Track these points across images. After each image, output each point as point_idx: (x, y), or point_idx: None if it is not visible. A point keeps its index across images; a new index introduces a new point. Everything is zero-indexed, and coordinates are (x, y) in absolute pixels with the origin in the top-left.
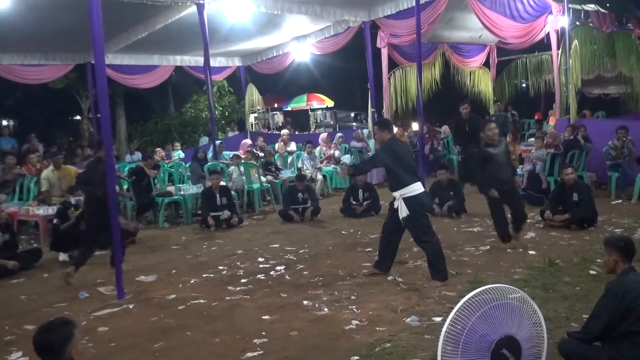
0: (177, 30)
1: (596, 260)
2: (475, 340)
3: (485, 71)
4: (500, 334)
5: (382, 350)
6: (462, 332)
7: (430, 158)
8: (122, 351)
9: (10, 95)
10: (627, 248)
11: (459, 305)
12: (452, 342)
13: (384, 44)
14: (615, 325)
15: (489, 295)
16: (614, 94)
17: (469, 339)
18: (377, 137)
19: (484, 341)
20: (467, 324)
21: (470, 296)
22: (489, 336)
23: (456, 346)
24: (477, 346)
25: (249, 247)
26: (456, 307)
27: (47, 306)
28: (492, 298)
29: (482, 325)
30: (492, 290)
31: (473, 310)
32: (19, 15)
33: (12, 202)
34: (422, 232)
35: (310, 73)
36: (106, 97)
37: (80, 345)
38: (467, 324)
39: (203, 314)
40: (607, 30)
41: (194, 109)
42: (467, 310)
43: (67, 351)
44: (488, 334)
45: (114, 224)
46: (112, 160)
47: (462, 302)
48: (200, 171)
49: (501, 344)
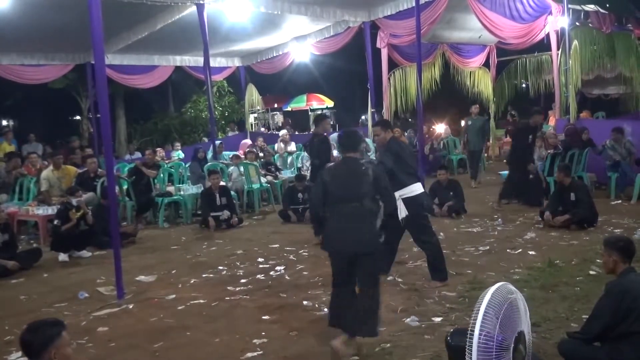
0: (177, 30)
1: (596, 261)
2: (497, 345)
3: (485, 71)
4: (515, 333)
5: (381, 351)
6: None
7: (430, 158)
8: (121, 351)
9: (10, 95)
10: (627, 248)
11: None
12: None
13: (384, 44)
14: (615, 325)
15: (498, 297)
16: (614, 95)
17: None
18: (380, 137)
19: (505, 344)
20: (494, 332)
21: (485, 305)
22: (508, 337)
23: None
24: (500, 349)
25: (248, 247)
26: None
27: (47, 306)
28: (502, 300)
29: (503, 328)
30: (497, 292)
31: (493, 316)
32: (19, 15)
33: (11, 202)
34: (422, 232)
35: (310, 73)
36: (106, 97)
37: (67, 348)
38: (494, 333)
39: (203, 314)
40: (606, 31)
41: (194, 109)
42: (488, 318)
43: (49, 352)
44: (508, 335)
45: (113, 224)
46: (111, 160)
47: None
48: (200, 171)
49: (517, 341)
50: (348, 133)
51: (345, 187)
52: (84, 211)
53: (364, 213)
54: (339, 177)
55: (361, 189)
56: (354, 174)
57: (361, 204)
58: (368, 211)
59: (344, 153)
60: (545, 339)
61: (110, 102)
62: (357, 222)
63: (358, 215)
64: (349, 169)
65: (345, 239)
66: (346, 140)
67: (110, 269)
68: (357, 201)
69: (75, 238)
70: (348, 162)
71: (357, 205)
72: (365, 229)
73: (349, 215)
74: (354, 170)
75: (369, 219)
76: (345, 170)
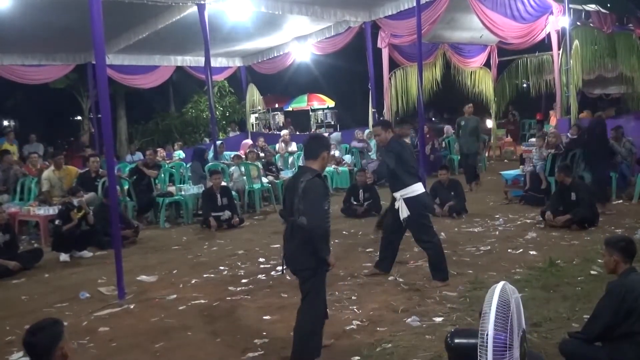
0: (178, 30)
1: (597, 261)
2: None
3: (486, 71)
4: (521, 331)
5: (382, 351)
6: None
7: (431, 158)
8: (122, 351)
9: (11, 95)
10: (628, 248)
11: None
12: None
13: (385, 44)
14: (616, 325)
15: (505, 296)
16: (615, 94)
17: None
18: (381, 137)
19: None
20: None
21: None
22: (517, 337)
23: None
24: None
25: (249, 247)
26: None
27: (48, 306)
28: (506, 299)
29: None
30: (504, 292)
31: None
32: (20, 15)
33: (12, 202)
34: (423, 232)
35: (311, 73)
36: (107, 97)
37: (69, 346)
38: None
39: (204, 314)
40: (607, 31)
41: (195, 109)
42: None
43: (54, 352)
44: (516, 333)
45: (114, 224)
46: (112, 160)
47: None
48: (201, 171)
49: (522, 339)
50: (309, 138)
51: (290, 200)
52: (85, 211)
53: (296, 229)
54: (289, 188)
55: (293, 204)
56: (293, 186)
57: (295, 220)
58: (299, 227)
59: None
60: (547, 339)
61: (111, 102)
62: (290, 238)
63: (291, 230)
64: (294, 181)
65: (286, 255)
66: (304, 146)
67: (111, 269)
68: (292, 216)
69: (76, 238)
70: (296, 174)
71: (292, 221)
72: (293, 247)
73: (287, 229)
74: (294, 183)
75: (299, 235)
76: (292, 181)
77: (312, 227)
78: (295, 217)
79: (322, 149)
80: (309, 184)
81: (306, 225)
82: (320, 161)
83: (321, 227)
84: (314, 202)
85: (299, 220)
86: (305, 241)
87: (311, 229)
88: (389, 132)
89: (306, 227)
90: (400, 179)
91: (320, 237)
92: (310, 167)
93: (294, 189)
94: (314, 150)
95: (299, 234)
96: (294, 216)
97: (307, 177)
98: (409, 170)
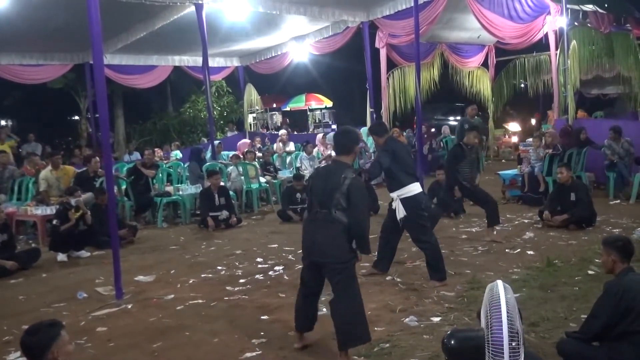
0: (176, 30)
1: (595, 260)
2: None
3: (483, 71)
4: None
5: (380, 350)
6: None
7: (429, 158)
8: (120, 351)
9: (8, 95)
10: (626, 248)
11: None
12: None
13: (383, 44)
14: (613, 325)
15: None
16: (613, 94)
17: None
18: (375, 142)
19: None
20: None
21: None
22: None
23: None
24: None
25: (247, 247)
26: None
27: (46, 306)
28: (511, 297)
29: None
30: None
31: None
32: (18, 15)
33: (10, 202)
34: (421, 232)
35: (309, 73)
36: (105, 97)
37: (67, 347)
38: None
39: (202, 314)
40: (605, 31)
41: (193, 109)
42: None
43: (50, 353)
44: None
45: (112, 224)
46: (110, 160)
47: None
48: (199, 171)
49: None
50: (340, 133)
51: (322, 192)
52: (82, 211)
53: (331, 222)
54: (320, 180)
55: (332, 198)
56: (327, 179)
57: (330, 213)
58: (336, 221)
59: (336, 155)
60: (544, 338)
61: (108, 102)
62: (316, 229)
63: (322, 222)
64: (329, 174)
65: (312, 245)
66: (336, 141)
67: (109, 269)
68: (327, 208)
69: (74, 238)
70: (330, 167)
71: (326, 213)
72: (322, 238)
73: (318, 221)
74: (331, 177)
75: (335, 229)
76: (325, 174)
77: (360, 225)
78: (329, 211)
79: (354, 144)
80: (355, 182)
81: (351, 222)
82: (353, 155)
83: (367, 225)
84: (362, 201)
85: (335, 214)
86: (338, 235)
87: (360, 226)
88: (380, 137)
89: (351, 224)
90: (396, 178)
91: (366, 234)
92: (345, 162)
93: (332, 182)
94: (347, 145)
95: (332, 227)
96: (325, 208)
97: (350, 175)
98: (405, 169)
